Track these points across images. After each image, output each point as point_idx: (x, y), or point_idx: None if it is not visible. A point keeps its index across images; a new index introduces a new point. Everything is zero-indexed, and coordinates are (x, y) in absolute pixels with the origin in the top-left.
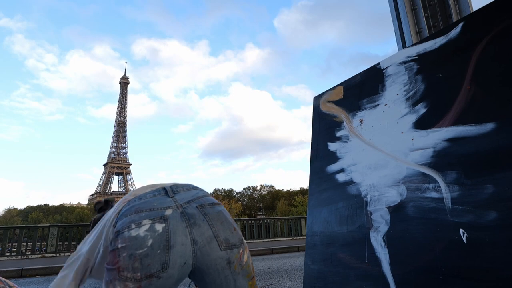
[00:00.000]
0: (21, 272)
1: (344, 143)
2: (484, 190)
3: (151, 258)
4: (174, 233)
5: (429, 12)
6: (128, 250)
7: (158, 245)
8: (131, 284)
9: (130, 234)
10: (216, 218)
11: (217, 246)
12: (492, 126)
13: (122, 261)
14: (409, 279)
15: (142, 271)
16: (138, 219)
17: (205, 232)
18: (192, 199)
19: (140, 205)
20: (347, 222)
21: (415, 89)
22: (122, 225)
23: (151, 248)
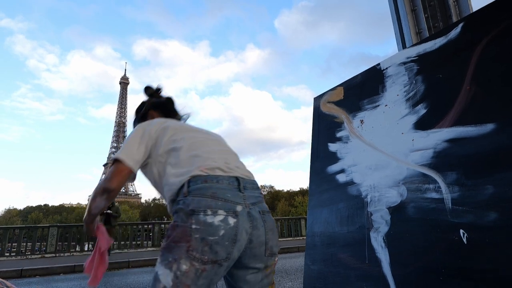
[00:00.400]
0: (20, 272)
1: (344, 144)
2: (484, 191)
3: (220, 246)
4: (241, 230)
5: (429, 13)
6: (201, 233)
7: (228, 237)
8: (197, 265)
9: (206, 220)
10: (270, 227)
11: (264, 251)
12: (492, 127)
13: (194, 241)
14: (410, 279)
15: (210, 255)
16: (214, 206)
17: (260, 236)
18: (255, 202)
19: (216, 190)
20: (347, 222)
21: (415, 89)
22: (197, 206)
23: (222, 238)
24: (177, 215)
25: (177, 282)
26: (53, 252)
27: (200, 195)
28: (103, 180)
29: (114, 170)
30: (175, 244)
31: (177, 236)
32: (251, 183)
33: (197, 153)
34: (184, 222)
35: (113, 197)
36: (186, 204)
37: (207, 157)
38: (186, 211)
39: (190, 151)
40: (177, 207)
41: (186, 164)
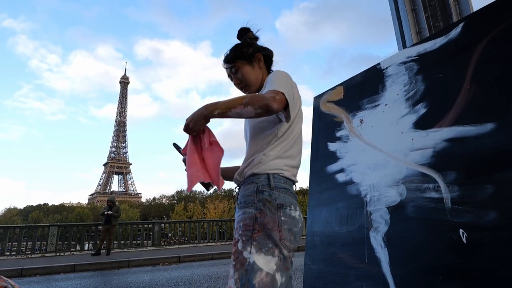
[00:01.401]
0: (21, 272)
1: (344, 143)
2: (484, 190)
3: (298, 236)
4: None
5: (429, 12)
6: (288, 225)
7: (301, 229)
8: (286, 252)
9: (290, 213)
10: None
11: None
12: (492, 126)
13: (284, 231)
14: (409, 279)
15: (294, 243)
16: (294, 203)
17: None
18: None
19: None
20: (347, 222)
21: (415, 89)
22: (283, 201)
23: (300, 229)
24: (263, 204)
25: (280, 265)
26: (54, 252)
27: (284, 193)
28: (267, 98)
29: (279, 98)
30: (270, 231)
31: (269, 224)
32: None
33: (295, 153)
34: (273, 213)
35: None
36: (274, 198)
37: (297, 163)
38: (274, 204)
39: (296, 147)
40: (262, 197)
41: (290, 159)
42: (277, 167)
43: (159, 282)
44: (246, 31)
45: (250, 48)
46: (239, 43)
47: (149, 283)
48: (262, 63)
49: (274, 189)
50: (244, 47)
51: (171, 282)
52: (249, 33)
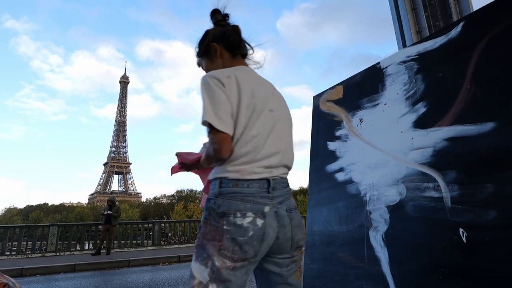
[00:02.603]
0: (21, 271)
1: (343, 142)
2: (483, 189)
3: (249, 246)
4: (268, 230)
5: (429, 12)
6: (231, 234)
7: (256, 237)
8: (228, 262)
9: (235, 222)
10: (297, 223)
11: (290, 246)
12: (492, 126)
13: (225, 241)
14: (409, 278)
15: (240, 254)
16: (243, 209)
17: (287, 233)
18: (283, 200)
19: (246, 194)
20: (346, 221)
21: (415, 88)
22: (228, 209)
23: (250, 238)
24: (209, 213)
25: (213, 277)
26: (54, 251)
27: (230, 198)
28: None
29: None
30: (208, 242)
31: (210, 234)
32: (282, 182)
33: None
34: (216, 222)
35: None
36: (218, 205)
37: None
38: (218, 212)
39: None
40: (208, 205)
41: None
42: (224, 170)
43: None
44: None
45: (203, 43)
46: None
47: (149, 282)
48: (220, 52)
49: (219, 196)
50: (200, 41)
51: (171, 282)
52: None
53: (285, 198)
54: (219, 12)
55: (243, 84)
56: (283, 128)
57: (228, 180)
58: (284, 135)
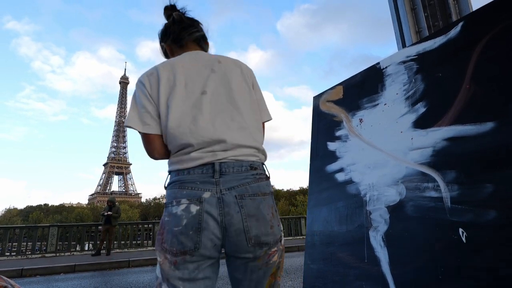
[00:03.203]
0: (21, 272)
1: (343, 143)
2: (483, 189)
3: (185, 236)
4: (206, 217)
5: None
6: (169, 225)
7: (191, 226)
8: (169, 257)
9: (171, 211)
10: (251, 212)
11: (245, 240)
12: (491, 126)
13: (165, 233)
14: (409, 278)
15: (178, 246)
16: (179, 196)
17: (236, 224)
18: (235, 185)
19: (185, 180)
20: (346, 221)
21: (415, 88)
22: (168, 199)
23: (185, 227)
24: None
25: (161, 274)
26: (54, 252)
27: (171, 188)
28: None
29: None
30: (157, 237)
31: (159, 230)
32: (238, 165)
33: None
34: (163, 215)
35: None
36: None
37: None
38: (163, 205)
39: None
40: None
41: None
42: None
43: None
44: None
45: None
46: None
47: (149, 283)
48: (170, 50)
49: (166, 188)
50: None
51: None
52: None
53: (241, 183)
54: (168, 8)
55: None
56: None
57: (173, 172)
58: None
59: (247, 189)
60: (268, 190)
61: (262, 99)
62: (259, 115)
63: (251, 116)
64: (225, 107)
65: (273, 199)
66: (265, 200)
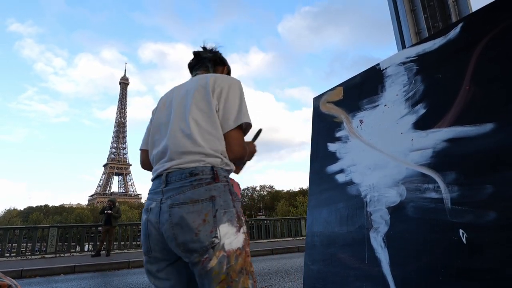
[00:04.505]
0: (21, 273)
1: (344, 144)
2: (483, 190)
3: (142, 240)
4: (149, 225)
5: (428, 13)
6: None
7: (143, 232)
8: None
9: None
10: (176, 221)
11: (177, 247)
12: (491, 127)
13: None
14: (409, 279)
15: (142, 248)
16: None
17: (167, 231)
18: (172, 194)
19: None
20: (347, 222)
21: (415, 89)
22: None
23: (142, 233)
24: None
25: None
26: (53, 253)
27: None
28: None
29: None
30: None
31: None
32: (180, 173)
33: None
34: None
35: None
36: None
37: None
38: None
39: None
40: None
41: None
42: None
43: None
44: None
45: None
46: None
47: (149, 284)
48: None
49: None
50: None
51: None
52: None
53: (177, 192)
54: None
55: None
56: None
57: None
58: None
59: (179, 197)
60: (205, 195)
61: (229, 108)
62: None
63: (201, 124)
64: (178, 119)
65: (212, 204)
66: (194, 207)
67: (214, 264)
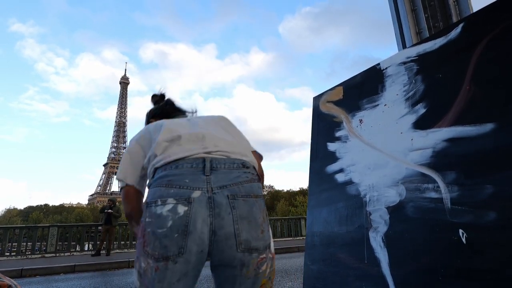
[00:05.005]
0: (21, 272)
1: (343, 143)
2: (483, 190)
3: (169, 240)
4: (194, 219)
5: (429, 13)
6: (152, 226)
7: (177, 228)
8: (151, 262)
9: (155, 211)
10: (245, 215)
11: (235, 245)
12: (491, 127)
13: (147, 235)
14: (409, 279)
15: (160, 250)
16: (165, 195)
17: (226, 227)
18: (227, 184)
19: (173, 177)
20: (346, 222)
21: (415, 89)
22: (152, 197)
23: (170, 230)
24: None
25: (141, 281)
26: (53, 252)
27: (156, 185)
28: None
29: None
30: (138, 240)
31: (139, 232)
32: (230, 162)
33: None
34: (143, 216)
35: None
36: (146, 197)
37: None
38: (144, 204)
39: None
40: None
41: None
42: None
43: None
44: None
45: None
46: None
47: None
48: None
49: (149, 186)
50: (145, 122)
51: None
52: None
53: (233, 183)
54: (156, 95)
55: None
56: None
57: (158, 168)
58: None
59: (240, 188)
60: (260, 192)
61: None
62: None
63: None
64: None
65: (264, 203)
66: (257, 202)
67: (265, 267)
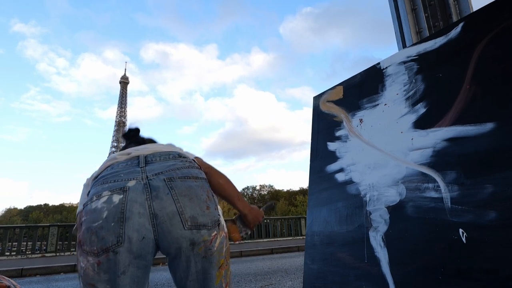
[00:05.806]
0: (21, 272)
1: (343, 143)
2: (483, 190)
3: (106, 230)
4: (130, 205)
5: (429, 12)
6: (86, 223)
7: (113, 217)
8: (91, 259)
9: (91, 207)
10: (185, 193)
11: (180, 223)
12: (491, 126)
13: (82, 234)
14: (408, 279)
15: (98, 244)
16: (100, 190)
17: (167, 206)
18: (163, 170)
19: (108, 175)
20: (346, 221)
21: (415, 88)
22: (88, 199)
23: (105, 220)
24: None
25: (83, 282)
26: (54, 252)
27: (93, 187)
28: None
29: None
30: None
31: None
32: (165, 155)
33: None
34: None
35: None
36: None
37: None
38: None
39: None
40: None
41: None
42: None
43: (159, 282)
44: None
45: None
46: None
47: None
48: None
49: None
50: None
51: (171, 282)
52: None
53: (169, 169)
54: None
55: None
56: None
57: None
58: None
59: (177, 172)
60: (201, 175)
61: None
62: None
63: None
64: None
65: (208, 185)
66: (197, 182)
67: (217, 245)
